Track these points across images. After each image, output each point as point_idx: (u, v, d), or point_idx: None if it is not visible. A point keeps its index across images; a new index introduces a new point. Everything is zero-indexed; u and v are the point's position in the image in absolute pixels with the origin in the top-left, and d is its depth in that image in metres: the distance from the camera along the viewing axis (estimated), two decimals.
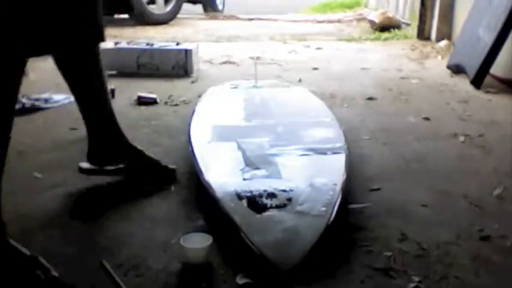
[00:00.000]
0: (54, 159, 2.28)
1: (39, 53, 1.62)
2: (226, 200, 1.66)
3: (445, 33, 4.89)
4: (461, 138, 2.54)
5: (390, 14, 6.29)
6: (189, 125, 2.30)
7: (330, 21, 7.06)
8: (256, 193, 1.69)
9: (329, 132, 2.24)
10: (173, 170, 2.07)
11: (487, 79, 3.46)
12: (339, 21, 7.11)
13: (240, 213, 1.60)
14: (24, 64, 1.51)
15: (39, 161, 2.25)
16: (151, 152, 2.33)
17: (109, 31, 6.47)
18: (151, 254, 1.56)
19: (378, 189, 2.00)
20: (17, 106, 2.94)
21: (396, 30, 5.83)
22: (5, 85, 1.48)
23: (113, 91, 3.18)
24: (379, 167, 2.20)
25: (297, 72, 3.90)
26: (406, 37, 5.48)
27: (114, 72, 3.69)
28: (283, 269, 1.42)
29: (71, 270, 1.48)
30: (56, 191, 1.97)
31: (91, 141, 2.01)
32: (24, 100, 2.98)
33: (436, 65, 4.15)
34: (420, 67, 4.12)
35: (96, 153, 2.01)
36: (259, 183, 1.76)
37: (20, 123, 2.72)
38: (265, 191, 1.71)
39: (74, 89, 1.90)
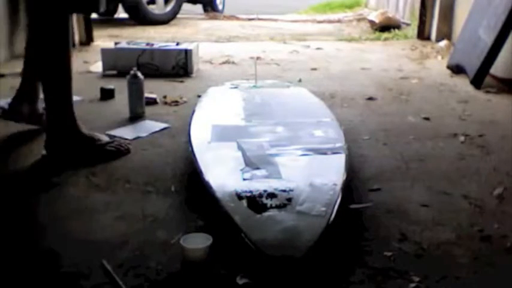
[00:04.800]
0: None
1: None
2: (226, 200, 1.66)
3: (445, 33, 4.89)
4: (461, 138, 2.54)
5: (390, 14, 6.29)
6: (189, 125, 2.31)
7: (330, 21, 7.06)
8: (256, 193, 1.70)
9: (329, 132, 2.24)
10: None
11: (487, 79, 3.46)
12: (339, 21, 7.11)
13: (240, 213, 1.60)
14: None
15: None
16: (152, 152, 2.34)
17: (109, 31, 6.49)
18: (151, 254, 1.56)
19: (378, 189, 2.00)
20: None
21: (396, 30, 5.83)
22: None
23: (113, 91, 3.19)
24: (379, 167, 2.20)
25: (297, 72, 3.90)
26: (406, 37, 5.48)
27: (114, 72, 3.70)
28: (283, 269, 1.42)
29: (71, 270, 1.48)
30: (58, 191, 1.97)
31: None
32: None
33: (436, 65, 4.15)
34: (420, 67, 4.12)
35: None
36: (259, 183, 1.76)
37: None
38: (265, 191, 1.71)
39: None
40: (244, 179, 1.81)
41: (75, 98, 3.12)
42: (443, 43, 4.76)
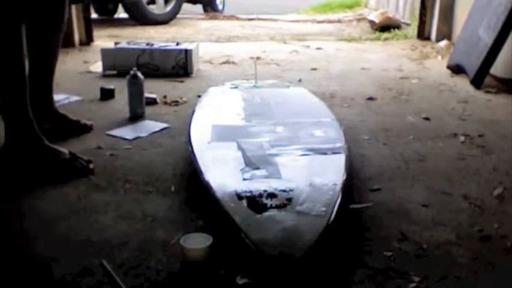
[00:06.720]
0: None
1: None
2: (226, 200, 1.66)
3: (445, 33, 4.89)
4: (461, 138, 2.54)
5: (390, 14, 6.30)
6: (189, 125, 2.31)
7: (330, 21, 7.07)
8: (256, 193, 1.70)
9: (329, 132, 2.24)
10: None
11: (487, 79, 3.46)
12: (339, 21, 7.11)
13: (240, 213, 1.60)
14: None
15: None
16: (152, 152, 2.34)
17: (109, 31, 6.50)
18: (151, 254, 1.56)
19: (378, 189, 2.00)
20: None
21: (396, 30, 5.83)
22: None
23: (113, 91, 3.19)
24: (379, 167, 2.20)
25: (297, 72, 3.90)
26: (406, 37, 5.48)
27: (114, 72, 3.70)
28: (283, 269, 1.42)
29: (71, 270, 1.48)
30: (57, 191, 1.97)
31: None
32: None
33: (436, 65, 4.15)
34: (420, 67, 4.12)
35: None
36: (259, 183, 1.76)
37: None
38: (265, 191, 1.71)
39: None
40: (244, 179, 1.81)
41: (75, 98, 3.15)
42: (443, 43, 4.76)
